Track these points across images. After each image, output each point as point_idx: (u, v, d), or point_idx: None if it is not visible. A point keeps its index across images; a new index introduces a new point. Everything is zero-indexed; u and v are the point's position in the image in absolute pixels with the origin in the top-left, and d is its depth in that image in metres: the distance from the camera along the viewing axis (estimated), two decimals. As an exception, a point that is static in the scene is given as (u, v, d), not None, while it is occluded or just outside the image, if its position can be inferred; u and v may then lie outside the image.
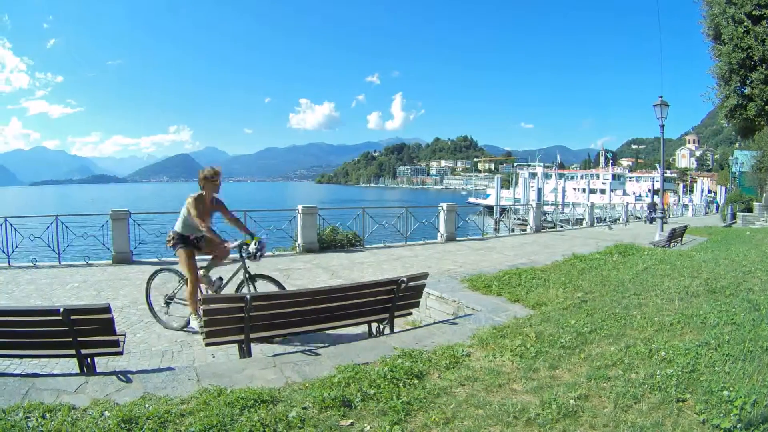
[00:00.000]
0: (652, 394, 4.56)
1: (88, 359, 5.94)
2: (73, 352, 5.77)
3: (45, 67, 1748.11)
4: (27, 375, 5.73)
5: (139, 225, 16.78)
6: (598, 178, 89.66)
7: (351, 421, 4.29)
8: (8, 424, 4.15)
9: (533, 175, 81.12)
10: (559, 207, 45.16)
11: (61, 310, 5.40)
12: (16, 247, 15.98)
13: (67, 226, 16.19)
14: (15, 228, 15.93)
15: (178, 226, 8.89)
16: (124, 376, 5.39)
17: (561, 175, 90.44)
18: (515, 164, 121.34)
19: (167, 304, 9.27)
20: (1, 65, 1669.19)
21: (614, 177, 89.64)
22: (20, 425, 4.13)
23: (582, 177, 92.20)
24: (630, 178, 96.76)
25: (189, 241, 8.92)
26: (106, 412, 4.35)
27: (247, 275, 8.40)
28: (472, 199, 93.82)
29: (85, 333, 5.77)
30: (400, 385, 4.96)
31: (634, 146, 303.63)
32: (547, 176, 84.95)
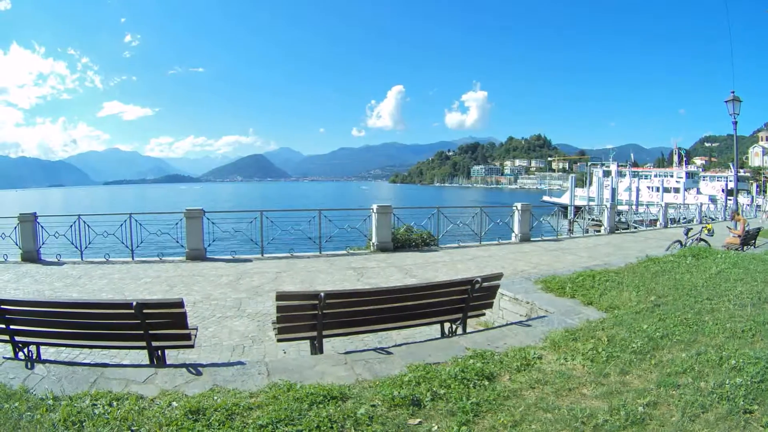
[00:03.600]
0: (720, 404, 4.44)
1: (159, 351, 6.10)
2: (144, 344, 5.93)
3: (119, 67, 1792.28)
4: (96, 364, 5.91)
5: (213, 223, 17.18)
6: (672, 176, 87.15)
7: (419, 420, 4.29)
8: (74, 410, 4.28)
9: (607, 174, 79.95)
10: (633, 207, 44.12)
11: (134, 303, 5.53)
12: (89, 243, 16.69)
13: (140, 224, 16.79)
14: (88, 225, 16.67)
15: None
16: (194, 368, 5.50)
17: (635, 174, 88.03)
18: (589, 163, 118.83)
19: None
20: (72, 66, 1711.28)
21: (689, 175, 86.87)
22: (86, 412, 4.27)
23: (656, 176, 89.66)
24: (704, 177, 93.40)
25: None
26: (174, 403, 4.45)
27: None
28: (546, 198, 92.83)
29: (156, 326, 5.92)
30: (470, 386, 4.94)
31: (707, 144, 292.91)
32: (620, 175, 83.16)
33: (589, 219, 32.42)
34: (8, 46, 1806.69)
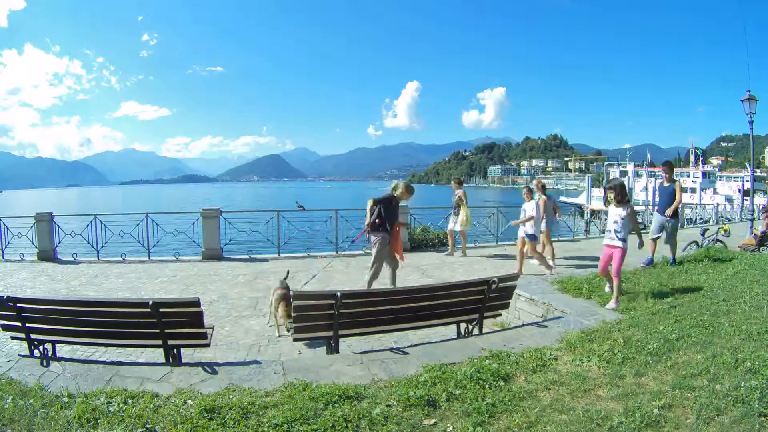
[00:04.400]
0: (735, 407, 4.40)
1: (175, 350, 6.14)
2: (159, 342, 5.97)
3: (136, 67, 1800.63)
4: (112, 363, 5.95)
5: (230, 223, 17.33)
6: (688, 176, 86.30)
7: (434, 420, 4.29)
8: (89, 407, 4.33)
9: (624, 174, 79.94)
10: (650, 207, 43.92)
11: (150, 302, 5.58)
12: (106, 242, 16.87)
13: (157, 224, 16.96)
14: (105, 225, 16.86)
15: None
16: (210, 367, 5.54)
17: (651, 174, 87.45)
18: (606, 163, 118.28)
19: None
20: (88, 66, 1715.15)
21: (705, 175, 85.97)
22: (101, 409, 4.31)
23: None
24: (720, 177, 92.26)
25: None
26: (189, 401, 4.49)
27: None
28: (563, 198, 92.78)
29: (172, 325, 5.98)
30: (486, 386, 4.94)
31: (723, 144, 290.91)
32: (637, 174, 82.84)
33: (605, 219, 32.34)
34: (22, 45, 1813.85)
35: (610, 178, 74.36)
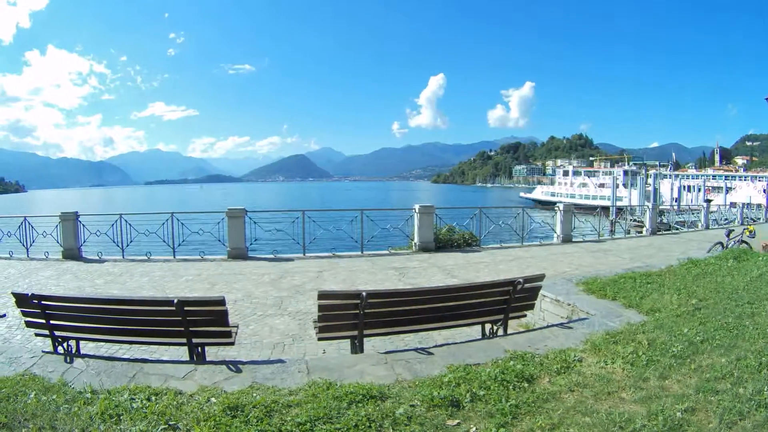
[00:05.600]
0: (758, 411, 4.36)
1: (199, 348, 6.21)
2: (184, 340, 6.04)
3: (162, 66, 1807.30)
4: (136, 360, 6.05)
5: (255, 223, 17.39)
6: (681, 177, 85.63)
7: (458, 421, 4.29)
8: (112, 404, 4.38)
9: (626, 173, 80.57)
10: (674, 208, 43.71)
11: (175, 301, 5.66)
12: (131, 241, 17.05)
13: (182, 223, 17.06)
14: (130, 224, 17.03)
15: None
16: (234, 365, 5.58)
17: (635, 173, 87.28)
18: (630, 162, 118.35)
19: None
20: (113, 66, 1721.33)
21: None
22: (124, 406, 4.36)
23: (677, 177, 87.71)
24: (744, 177, 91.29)
25: None
26: (213, 399, 4.53)
27: None
28: (522, 194, 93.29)
29: (197, 323, 6.05)
30: (510, 387, 4.93)
31: (748, 143, 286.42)
32: (635, 174, 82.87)
33: (630, 220, 32.18)
34: (45, 45, 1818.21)
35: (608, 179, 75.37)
